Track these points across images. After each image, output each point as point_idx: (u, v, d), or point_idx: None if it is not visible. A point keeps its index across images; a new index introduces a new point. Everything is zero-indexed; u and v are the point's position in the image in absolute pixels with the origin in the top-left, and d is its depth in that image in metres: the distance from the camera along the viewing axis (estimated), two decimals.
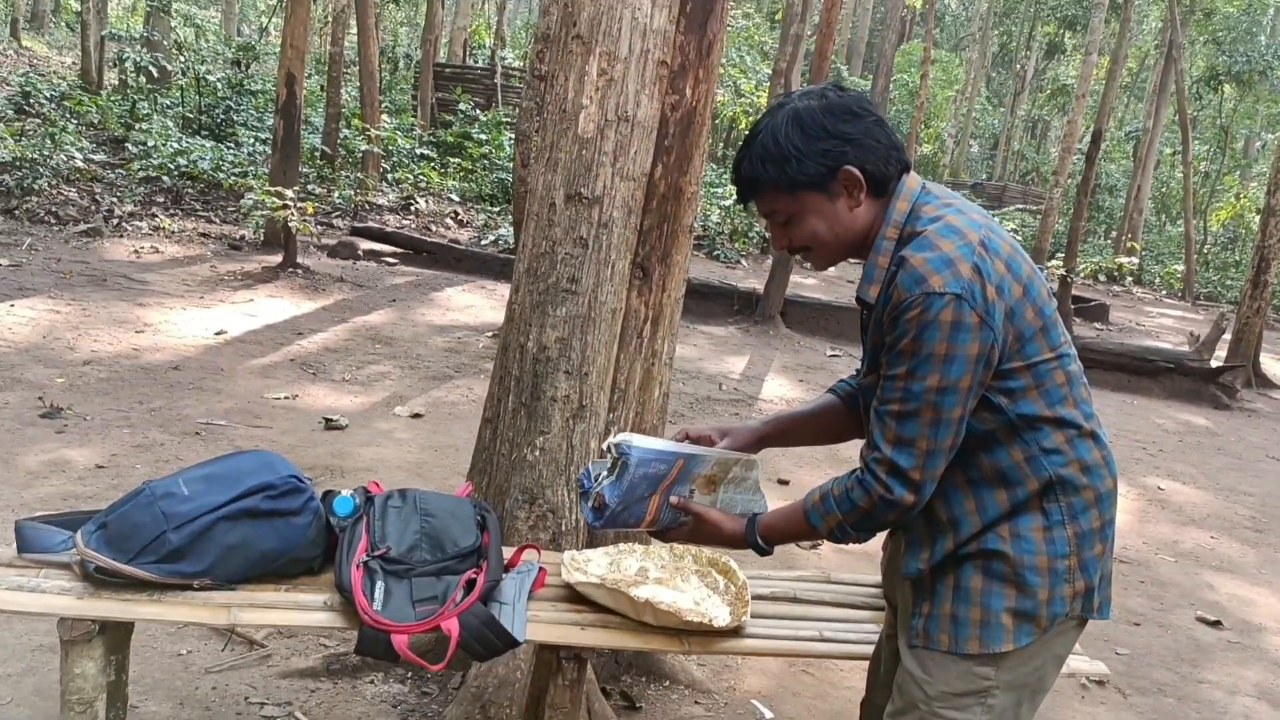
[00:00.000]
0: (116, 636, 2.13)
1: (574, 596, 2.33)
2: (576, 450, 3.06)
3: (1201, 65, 26.22)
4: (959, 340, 1.58)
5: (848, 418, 2.09)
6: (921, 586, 1.83)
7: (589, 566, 2.50)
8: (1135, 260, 21.72)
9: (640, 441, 1.97)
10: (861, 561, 4.60)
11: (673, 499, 2.02)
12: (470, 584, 2.12)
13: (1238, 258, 25.90)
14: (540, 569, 2.40)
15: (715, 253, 15.13)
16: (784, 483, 5.70)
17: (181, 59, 16.61)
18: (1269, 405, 10.59)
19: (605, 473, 2.00)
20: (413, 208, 14.15)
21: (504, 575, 2.31)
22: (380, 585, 2.10)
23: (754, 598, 2.45)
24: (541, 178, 3.07)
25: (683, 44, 3.02)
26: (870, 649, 2.33)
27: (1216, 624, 4.52)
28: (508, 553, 2.48)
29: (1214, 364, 10.62)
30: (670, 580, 2.50)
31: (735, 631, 2.28)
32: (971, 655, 1.74)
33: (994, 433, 1.70)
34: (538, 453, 3.05)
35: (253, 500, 2.15)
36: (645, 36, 2.92)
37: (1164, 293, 21.75)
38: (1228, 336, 11.34)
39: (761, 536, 1.95)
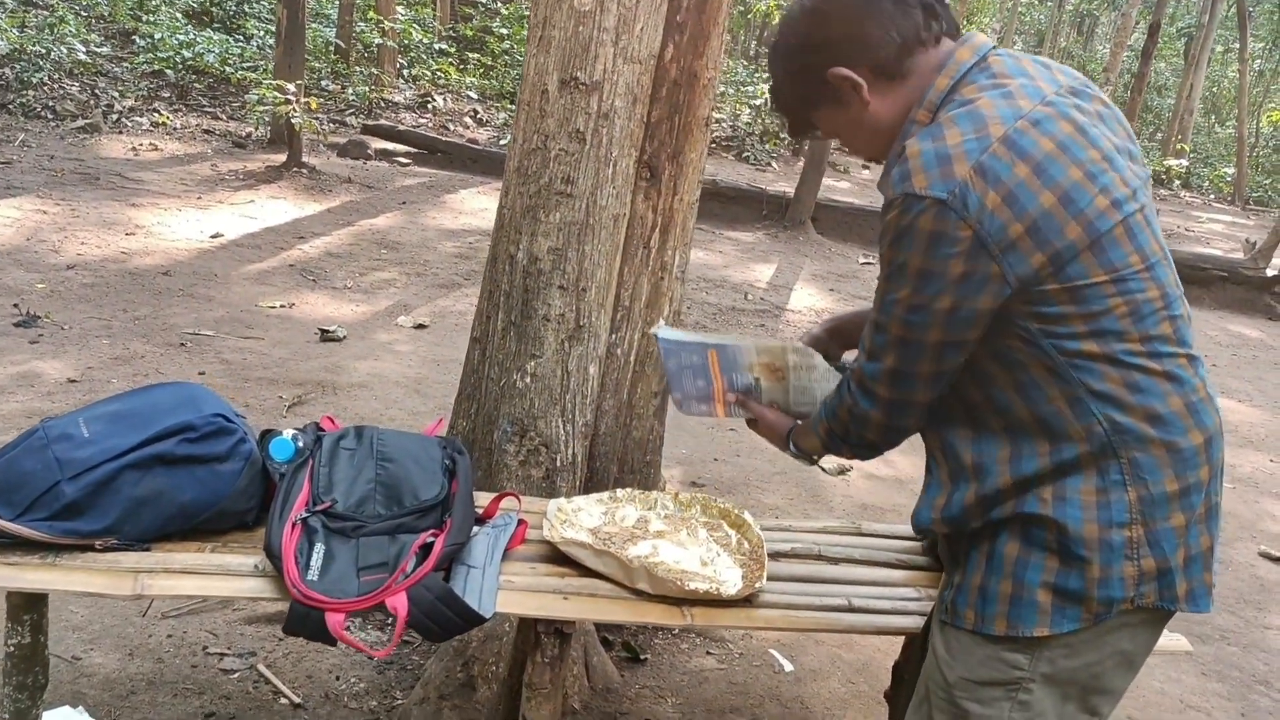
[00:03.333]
0: (19, 599, 1.80)
1: (557, 556, 1.97)
2: (572, 376, 2.68)
3: None
4: (938, 254, 1.28)
5: None
6: (957, 551, 1.50)
7: (579, 517, 2.15)
8: (1184, 163, 20.83)
9: (667, 333, 1.84)
10: (896, 492, 4.25)
11: (730, 397, 1.83)
12: (425, 549, 1.76)
13: None
14: (520, 521, 2.05)
15: (745, 154, 14.51)
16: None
17: None
18: None
19: None
20: (430, 105, 13.59)
21: (476, 530, 1.96)
22: (320, 548, 1.75)
23: (772, 555, 2.09)
24: (533, 60, 2.63)
25: None
26: (907, 620, 1.97)
27: None
28: (484, 500, 2.13)
29: (1270, 273, 10.05)
30: (674, 533, 2.15)
31: (747, 600, 1.92)
32: (999, 638, 1.40)
33: (1027, 367, 1.34)
34: (529, 379, 2.68)
35: (168, 444, 1.79)
36: None
37: (1212, 196, 20.88)
38: None
39: (794, 440, 1.72)
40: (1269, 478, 5.18)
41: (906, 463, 4.53)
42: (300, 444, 1.94)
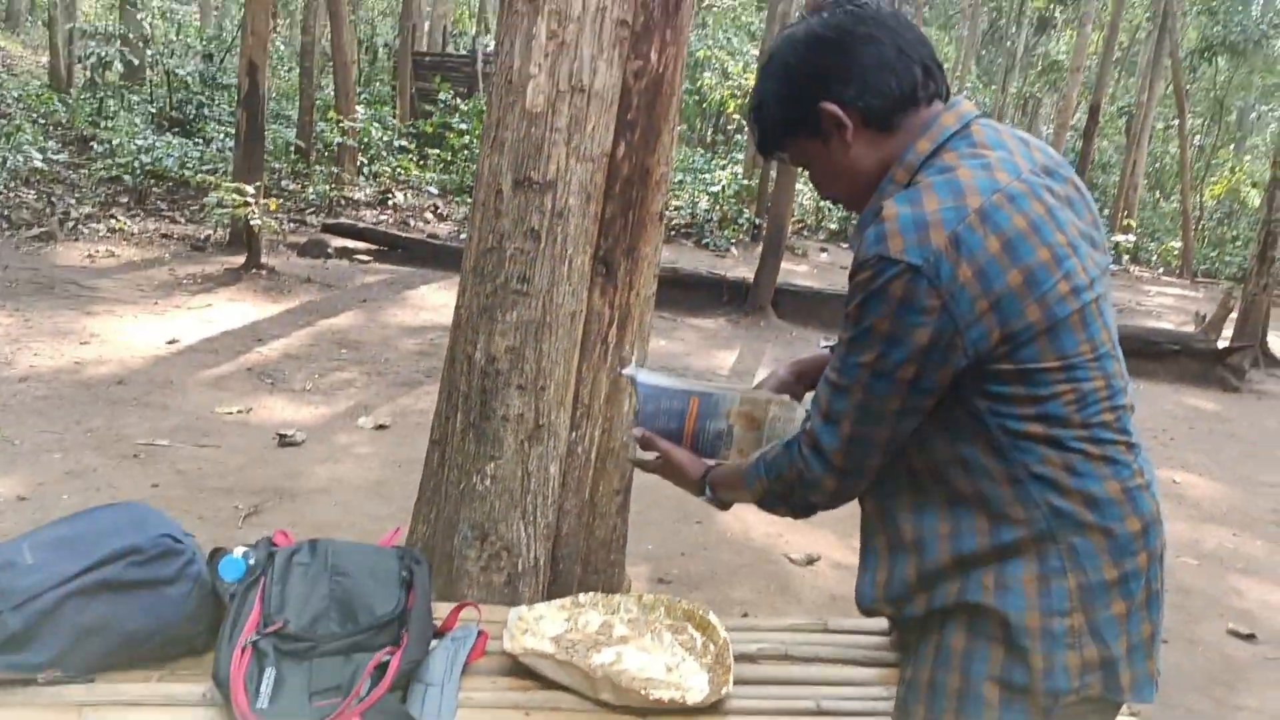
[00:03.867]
0: None
1: (519, 669, 1.92)
2: (533, 477, 2.65)
3: (1194, 37, 25.78)
4: (906, 321, 1.27)
5: None
6: (908, 643, 1.48)
7: (541, 625, 2.09)
8: (1132, 238, 21.34)
9: (646, 376, 1.81)
10: None
11: (636, 431, 1.76)
12: (381, 668, 1.71)
13: (1234, 233, 25.50)
14: (480, 632, 2.00)
15: (704, 241, 14.69)
16: None
17: (150, 53, 16.05)
18: (1279, 387, 10.20)
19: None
20: (390, 202, 13.68)
21: (434, 644, 1.90)
22: (270, 672, 1.69)
23: (738, 657, 2.05)
24: (487, 161, 2.66)
25: (645, 1, 2.60)
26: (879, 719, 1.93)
27: (1250, 637, 4.13)
28: (444, 610, 2.07)
29: (1221, 345, 10.23)
30: (638, 638, 2.10)
31: (713, 707, 1.87)
32: None
33: (973, 444, 1.34)
34: (489, 481, 2.65)
35: (114, 569, 1.74)
36: None
37: (1161, 270, 21.37)
38: (1234, 315, 10.95)
39: (711, 485, 1.66)
40: (1232, 553, 5.19)
41: None
42: (251, 562, 1.89)
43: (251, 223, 8.41)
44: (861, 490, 1.44)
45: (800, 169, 1.58)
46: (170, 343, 6.60)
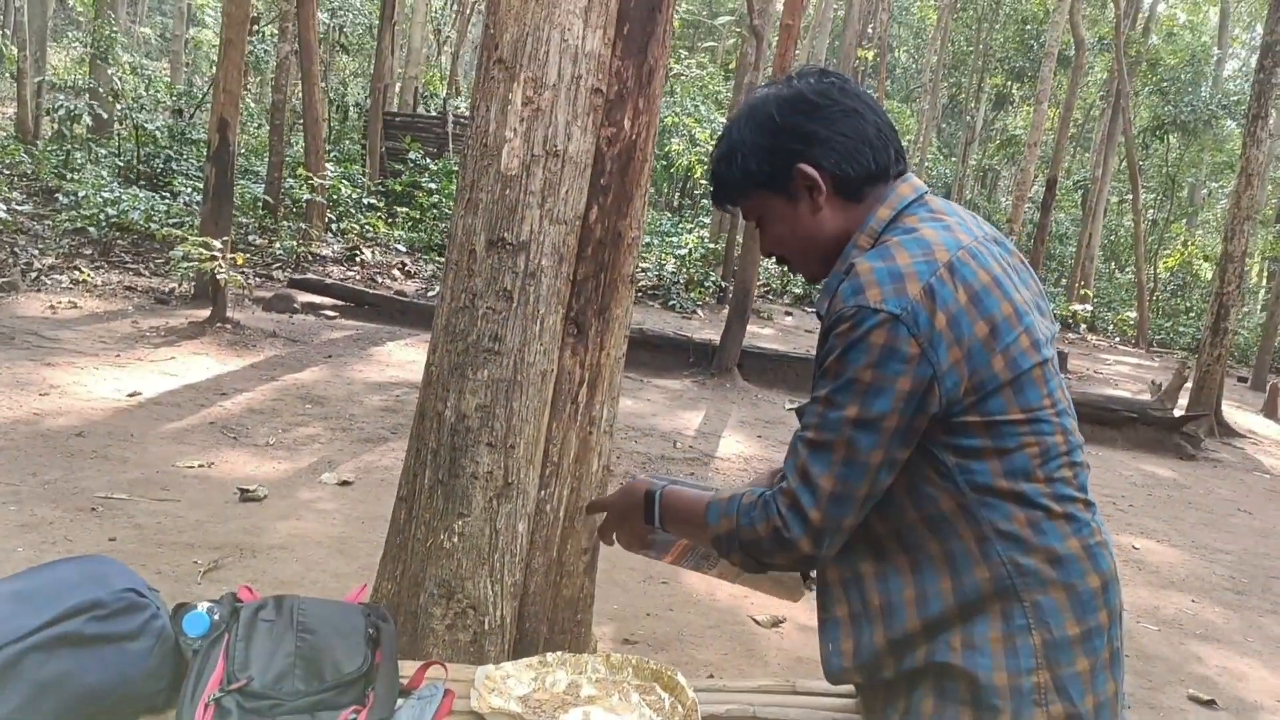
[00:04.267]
0: None
1: None
2: (501, 534, 2.64)
3: (1147, 115, 26.63)
4: (888, 370, 1.30)
5: None
6: (873, 706, 1.49)
7: (508, 685, 2.07)
8: (1089, 307, 21.76)
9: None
10: None
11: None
12: None
13: (1188, 304, 26.10)
14: (447, 691, 1.97)
15: (671, 303, 14.82)
16: None
17: (120, 107, 16.07)
18: (1234, 455, 10.39)
19: None
20: (358, 258, 13.70)
21: (400, 702, 1.88)
22: None
23: (705, 718, 2.04)
24: (461, 221, 2.68)
25: (620, 70, 2.66)
26: None
27: (1210, 703, 4.16)
28: (409, 669, 2.05)
29: (1177, 413, 10.42)
30: (606, 699, 2.08)
31: None
32: None
33: (938, 503, 1.37)
34: (456, 539, 2.63)
35: (74, 623, 1.70)
36: (576, 61, 2.56)
37: (1117, 339, 21.78)
38: (1189, 385, 11.18)
39: (661, 506, 1.63)
40: (1192, 619, 5.25)
41: None
42: (216, 617, 1.86)
43: (218, 276, 8.39)
44: (831, 554, 1.42)
45: (751, 224, 1.61)
46: (131, 395, 6.53)
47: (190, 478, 5.21)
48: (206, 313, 8.84)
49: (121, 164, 15.05)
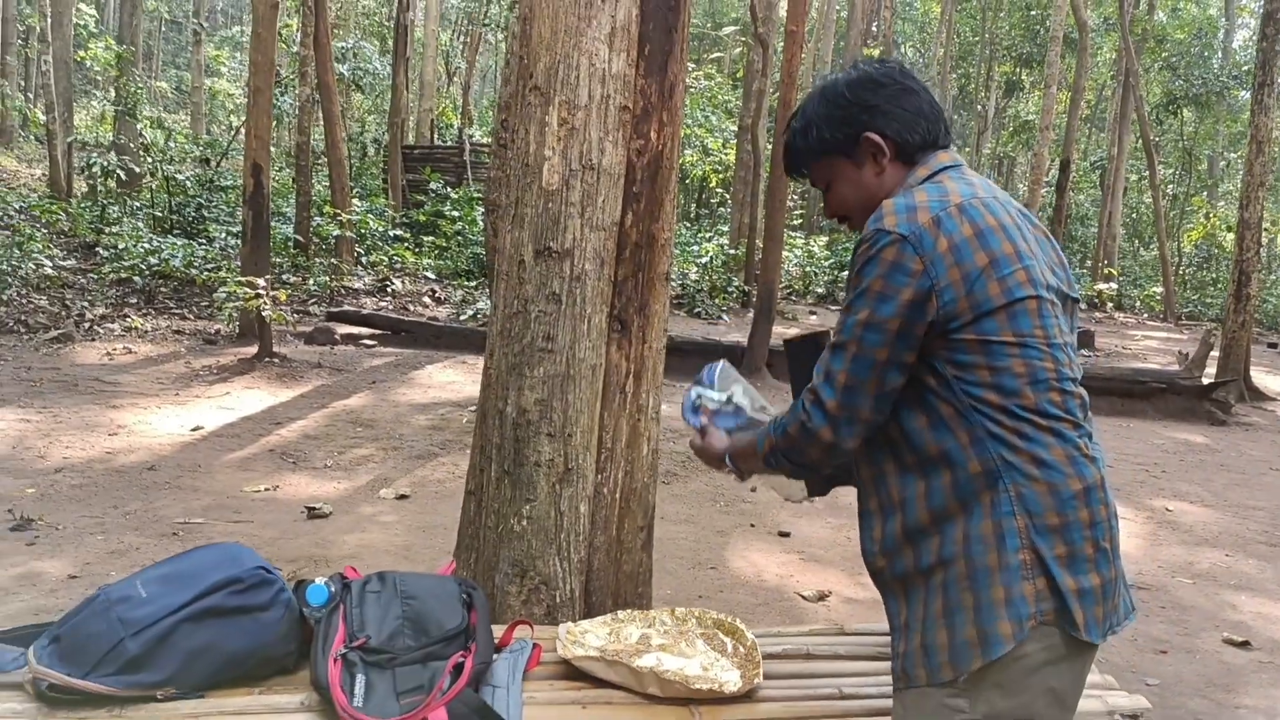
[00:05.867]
0: None
1: (572, 673, 2.17)
2: (565, 516, 2.90)
3: (1158, 91, 26.65)
4: (895, 280, 1.58)
5: None
6: (895, 628, 1.71)
7: (587, 639, 2.34)
8: (1114, 286, 21.80)
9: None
10: (875, 611, 4.42)
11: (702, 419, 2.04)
12: (458, 668, 1.96)
13: (1214, 276, 26.04)
14: (534, 646, 2.24)
15: (696, 310, 15.07)
16: (785, 534, 5.52)
17: (149, 161, 16.59)
18: (1264, 418, 10.48)
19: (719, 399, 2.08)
20: (389, 289, 14.07)
21: (495, 656, 2.15)
22: (360, 679, 1.93)
23: (765, 657, 2.29)
24: (509, 235, 2.96)
25: (644, 88, 2.94)
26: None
27: (1245, 644, 4.35)
28: (498, 631, 2.32)
29: (1205, 381, 10.54)
30: (674, 646, 2.34)
31: (748, 695, 2.11)
32: (946, 683, 1.59)
33: (939, 409, 1.62)
34: (525, 522, 2.90)
35: (216, 598, 1.99)
36: (605, 82, 2.84)
37: (1145, 315, 21.80)
38: (1216, 353, 11.29)
39: (731, 455, 1.92)
40: (1226, 571, 5.41)
41: None
42: (333, 589, 2.14)
43: (264, 314, 8.73)
44: (853, 445, 1.66)
45: (813, 189, 1.97)
46: (194, 430, 6.86)
47: (258, 501, 5.51)
48: (253, 349, 9.19)
49: (155, 215, 15.53)
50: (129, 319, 10.46)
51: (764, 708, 2.10)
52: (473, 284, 14.99)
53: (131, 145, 17.50)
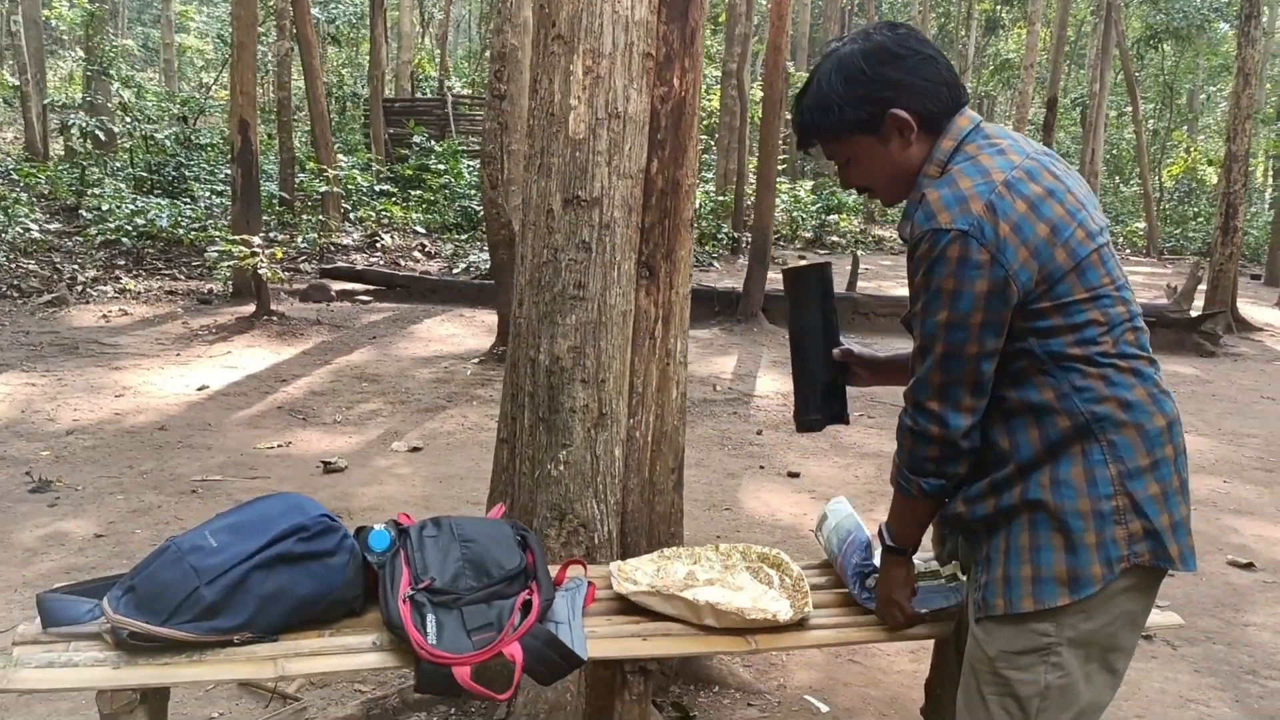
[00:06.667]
0: (155, 703, 2.01)
1: (627, 608, 2.23)
2: (600, 460, 2.96)
3: (1139, 26, 26.55)
4: (966, 276, 1.59)
5: None
6: (974, 549, 1.78)
7: (637, 575, 2.41)
8: None
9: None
10: None
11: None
12: (526, 606, 2.02)
13: (1195, 210, 26.17)
14: (590, 584, 2.31)
15: None
16: (794, 475, 5.62)
17: (127, 121, 16.36)
18: (1253, 348, 10.65)
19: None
20: (378, 244, 14.01)
21: (554, 594, 2.21)
22: (431, 618, 1.99)
23: (812, 588, 2.36)
24: (535, 185, 2.98)
25: (666, 34, 2.95)
26: (938, 626, 2.24)
27: (1249, 566, 4.49)
28: (552, 571, 2.38)
29: (1194, 314, 10.67)
30: (722, 580, 2.41)
31: (800, 624, 2.19)
32: (1028, 613, 1.67)
33: (1024, 369, 1.67)
34: (562, 467, 2.95)
35: (286, 545, 2.04)
36: (628, 29, 2.84)
37: (1129, 251, 21.93)
38: (1203, 286, 11.42)
39: (889, 534, 1.94)
40: (1225, 497, 5.55)
41: None
42: (393, 534, 2.20)
43: (260, 272, 8.71)
44: (967, 428, 1.69)
45: (821, 162, 1.97)
46: (200, 389, 6.88)
47: (273, 457, 5.56)
48: (250, 308, 9.17)
49: (136, 175, 15.35)
50: (121, 281, 10.40)
51: (815, 634, 2.18)
52: (463, 237, 14.93)
53: (108, 104, 17.24)
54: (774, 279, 11.92)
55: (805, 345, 2.22)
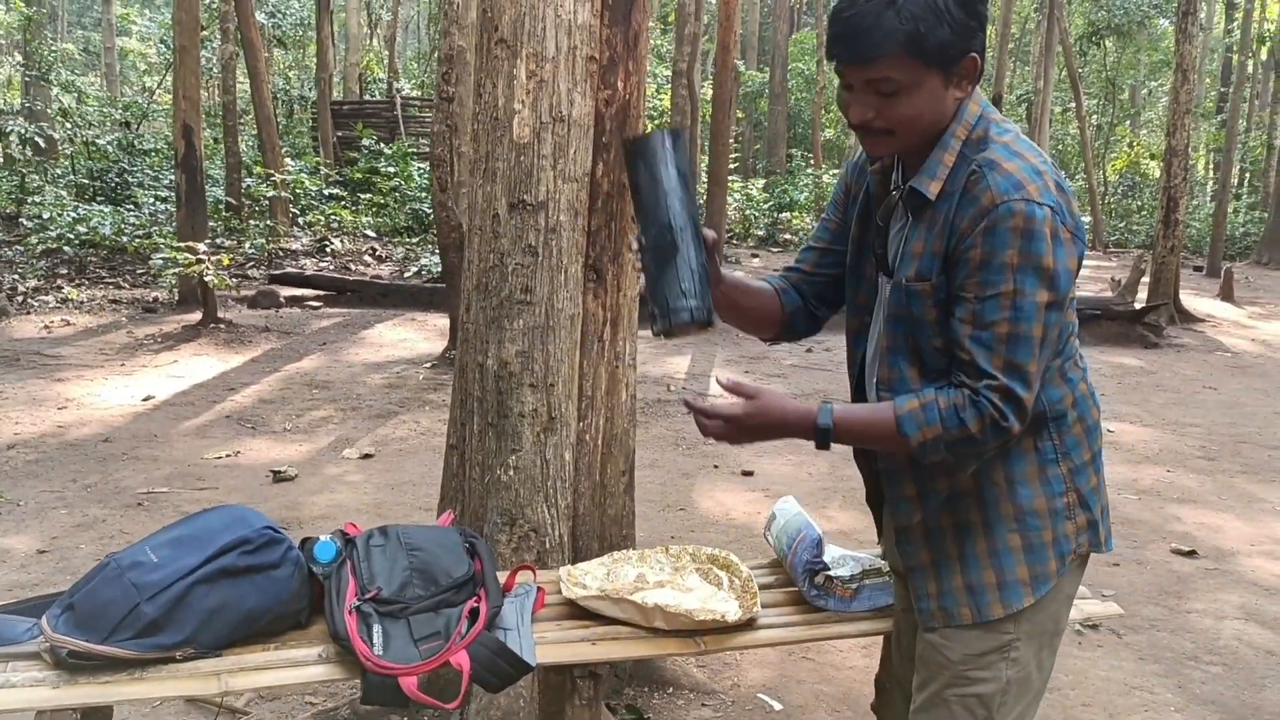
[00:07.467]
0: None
1: (577, 613, 2.24)
2: (550, 464, 2.95)
3: (1081, 23, 26.96)
4: (1061, 253, 1.48)
5: (774, 314, 1.93)
6: (920, 566, 1.75)
7: (586, 580, 2.40)
8: None
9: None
10: (845, 540, 4.57)
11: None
12: (474, 614, 2.02)
13: (1139, 204, 26.67)
14: (539, 589, 2.30)
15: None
16: (748, 474, 5.65)
17: (67, 126, 16.06)
18: (1195, 339, 10.87)
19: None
20: (328, 249, 13.87)
21: (502, 600, 2.20)
22: (378, 629, 1.98)
23: (761, 588, 2.38)
24: (481, 190, 2.97)
25: (609, 37, 2.95)
26: (883, 622, 2.27)
27: (1191, 554, 4.58)
28: (501, 577, 2.37)
29: (1138, 306, 10.87)
30: (671, 582, 2.42)
31: (749, 624, 2.20)
32: (994, 620, 1.68)
33: None
34: (511, 472, 2.94)
35: (229, 558, 2.01)
36: (571, 33, 2.84)
37: None
38: (1146, 279, 11.64)
39: (836, 425, 1.63)
40: (1168, 486, 5.66)
41: (845, 516, 4.88)
42: (339, 544, 2.18)
43: (206, 279, 8.58)
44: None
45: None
46: (146, 399, 6.77)
47: (220, 467, 5.48)
48: (197, 316, 9.04)
49: (78, 182, 15.08)
50: (63, 290, 10.21)
51: (765, 634, 2.20)
52: (414, 240, 14.82)
53: (47, 110, 16.90)
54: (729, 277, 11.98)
55: (669, 215, 1.65)
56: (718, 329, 1.75)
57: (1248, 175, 29.00)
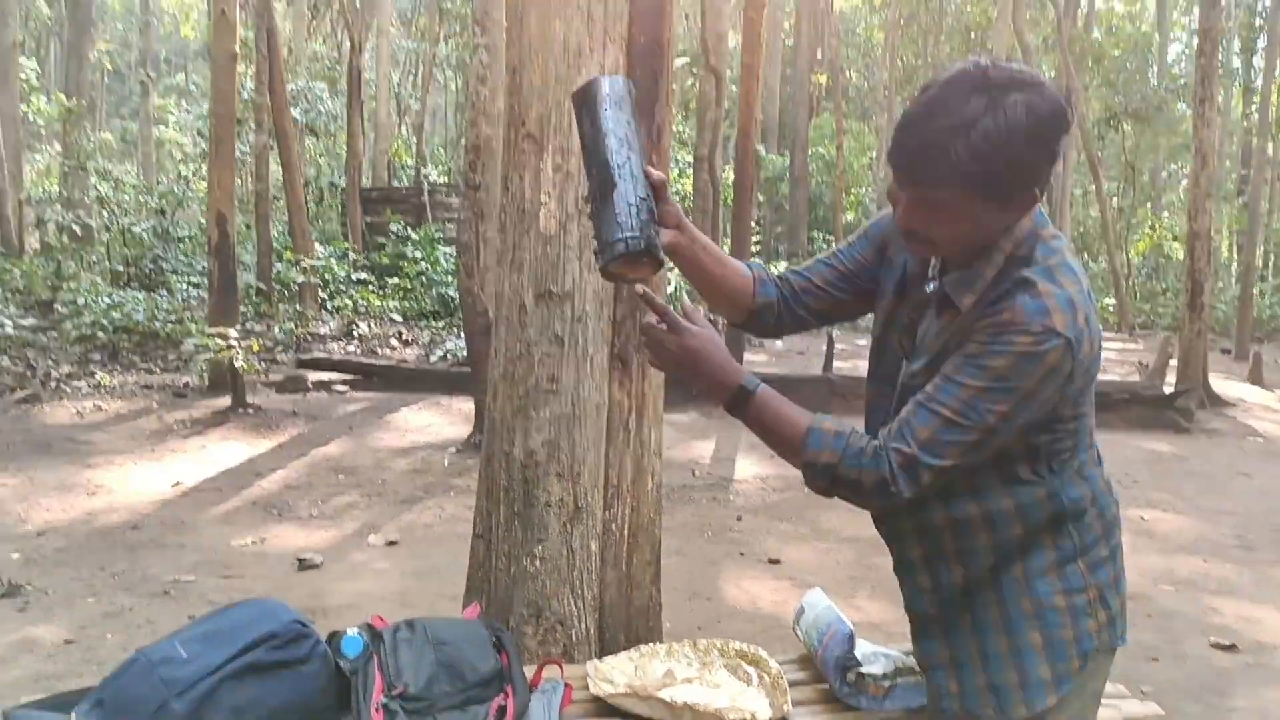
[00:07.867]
0: None
1: (604, 710, 2.20)
2: (577, 554, 2.95)
3: (1099, 107, 27.27)
4: (1048, 383, 1.48)
5: (744, 297, 1.90)
6: (941, 664, 1.73)
7: (614, 675, 2.37)
8: None
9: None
10: (876, 633, 4.49)
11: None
12: (501, 711, 1.99)
13: (1163, 285, 26.62)
14: (566, 685, 2.27)
15: None
16: (775, 561, 5.58)
17: (104, 214, 16.44)
18: (1226, 424, 10.74)
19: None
20: (355, 333, 14.01)
21: (529, 696, 2.18)
22: None
23: (791, 684, 2.34)
24: (508, 279, 3.02)
25: None
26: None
27: (1231, 648, 4.46)
28: (528, 671, 2.35)
29: (1167, 390, 10.78)
30: (699, 678, 2.38)
31: None
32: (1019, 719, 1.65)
33: (1017, 467, 1.60)
34: (538, 563, 2.94)
35: (257, 654, 2.00)
36: None
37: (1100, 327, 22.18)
38: (1174, 361, 11.56)
39: (752, 405, 1.63)
40: (1205, 577, 5.55)
41: (875, 607, 4.81)
42: (366, 639, 2.17)
43: (236, 364, 8.68)
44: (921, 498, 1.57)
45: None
46: (174, 485, 6.80)
47: (247, 554, 5.48)
48: (226, 401, 9.12)
49: (112, 269, 15.39)
50: (96, 376, 10.34)
51: None
52: (440, 324, 14.97)
53: (84, 198, 17.32)
54: (751, 360, 12.00)
55: (605, 153, 1.59)
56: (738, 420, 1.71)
57: (1272, 257, 28.96)
